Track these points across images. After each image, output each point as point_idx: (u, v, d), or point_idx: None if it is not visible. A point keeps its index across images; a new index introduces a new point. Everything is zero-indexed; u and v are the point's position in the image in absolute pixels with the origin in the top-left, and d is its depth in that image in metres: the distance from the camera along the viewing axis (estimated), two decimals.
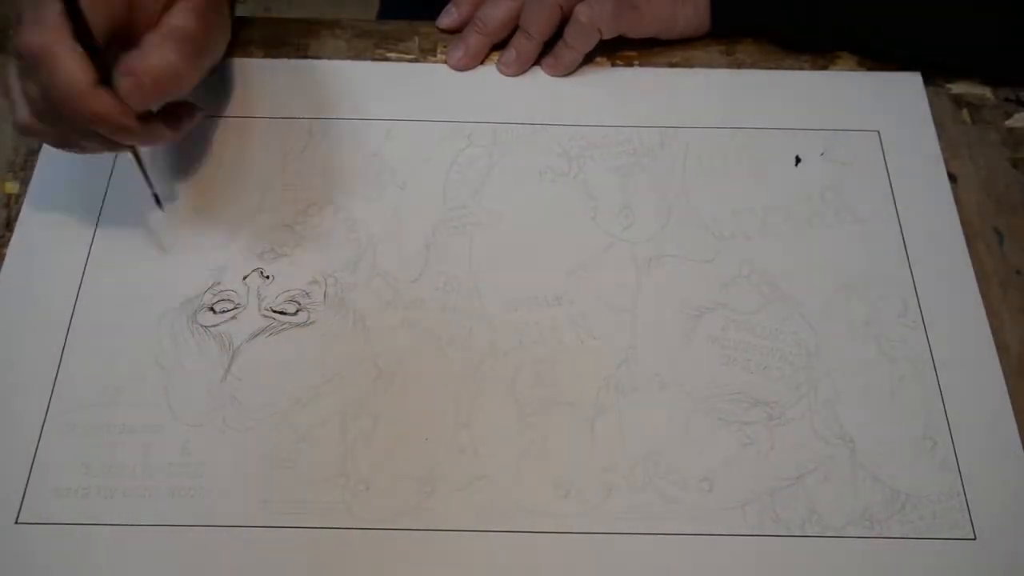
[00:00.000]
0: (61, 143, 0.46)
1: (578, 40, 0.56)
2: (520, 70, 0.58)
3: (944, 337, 0.50)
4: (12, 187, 0.53)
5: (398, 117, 0.56)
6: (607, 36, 0.55)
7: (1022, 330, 0.50)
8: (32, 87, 0.43)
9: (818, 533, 0.44)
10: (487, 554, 0.44)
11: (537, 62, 0.58)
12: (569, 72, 0.58)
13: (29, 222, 0.52)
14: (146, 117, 0.45)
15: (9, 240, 0.51)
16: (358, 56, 0.59)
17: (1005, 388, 0.48)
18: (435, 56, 0.59)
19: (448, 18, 0.59)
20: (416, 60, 0.59)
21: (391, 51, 0.60)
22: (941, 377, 0.48)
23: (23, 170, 0.54)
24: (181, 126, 0.47)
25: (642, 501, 0.45)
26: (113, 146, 0.46)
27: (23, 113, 0.44)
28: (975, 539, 0.44)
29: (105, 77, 0.42)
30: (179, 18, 0.45)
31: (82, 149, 0.47)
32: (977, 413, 0.47)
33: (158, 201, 0.50)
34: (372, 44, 0.60)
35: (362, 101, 0.57)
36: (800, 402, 0.48)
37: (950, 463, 0.46)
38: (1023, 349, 0.50)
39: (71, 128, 0.44)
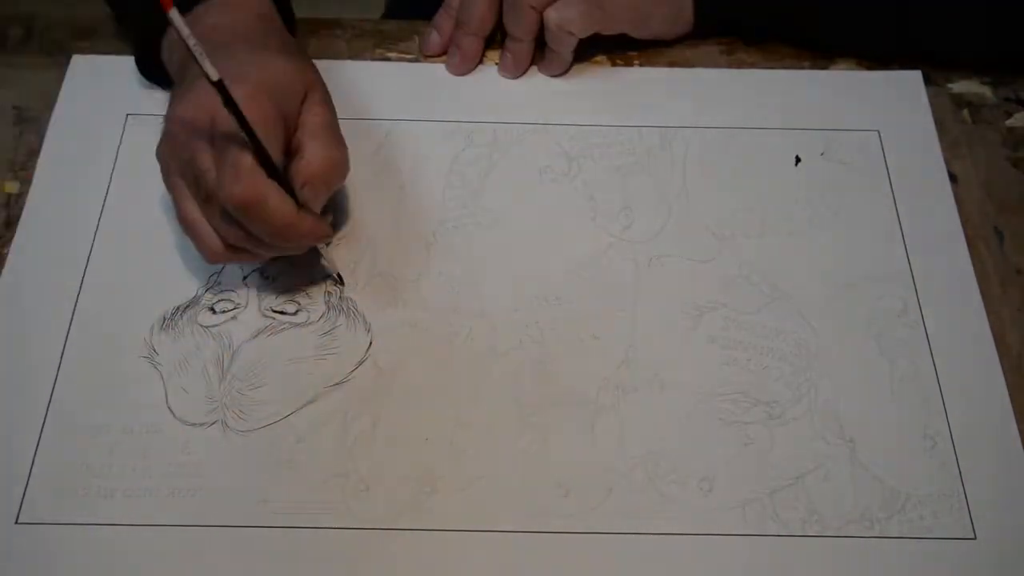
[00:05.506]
0: (248, 259, 0.48)
1: (555, 43, 0.56)
2: (519, 71, 0.58)
3: (944, 337, 0.50)
4: (12, 187, 0.53)
5: (398, 117, 0.56)
6: (581, 36, 0.55)
7: (1022, 329, 0.50)
8: (231, 228, 0.44)
9: (818, 533, 0.44)
10: (487, 554, 0.44)
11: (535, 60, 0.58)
12: (563, 71, 0.58)
13: (29, 222, 0.52)
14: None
15: (9, 240, 0.51)
16: (358, 56, 0.59)
17: (1005, 388, 0.48)
18: (435, 56, 0.59)
19: (432, 43, 0.59)
20: (416, 60, 0.59)
21: (391, 51, 0.60)
22: (941, 377, 0.48)
23: (23, 170, 0.54)
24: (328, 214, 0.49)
25: (642, 501, 0.45)
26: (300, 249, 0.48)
27: (214, 244, 0.46)
28: (975, 539, 0.44)
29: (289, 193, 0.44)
30: (315, 112, 0.46)
31: (264, 259, 0.49)
32: (977, 413, 0.47)
33: (340, 280, 0.50)
34: (372, 44, 0.60)
35: (362, 101, 0.57)
36: (800, 402, 0.48)
37: (950, 463, 0.46)
38: (1023, 349, 0.50)
39: (268, 249, 0.46)
